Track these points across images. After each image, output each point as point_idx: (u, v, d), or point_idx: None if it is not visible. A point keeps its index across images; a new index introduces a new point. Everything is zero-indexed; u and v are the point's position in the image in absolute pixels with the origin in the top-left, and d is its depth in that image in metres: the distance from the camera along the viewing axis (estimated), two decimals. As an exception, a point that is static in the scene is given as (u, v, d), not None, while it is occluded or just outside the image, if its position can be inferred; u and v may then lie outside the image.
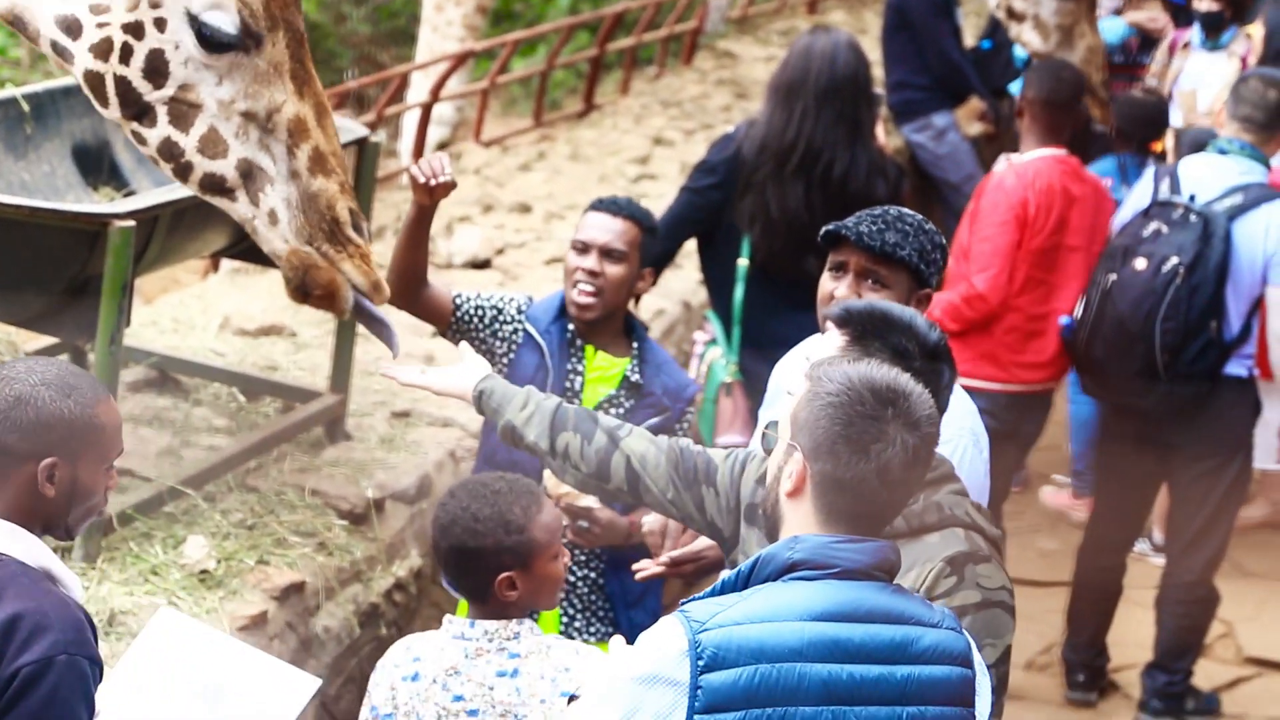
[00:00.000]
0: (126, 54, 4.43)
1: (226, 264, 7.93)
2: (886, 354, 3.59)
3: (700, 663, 3.13)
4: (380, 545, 5.91)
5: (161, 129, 4.49)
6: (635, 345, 5.33)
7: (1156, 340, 6.51)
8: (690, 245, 8.82)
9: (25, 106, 6.09)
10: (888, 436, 3.21)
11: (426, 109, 9.94)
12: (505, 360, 5.30)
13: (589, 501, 5.00)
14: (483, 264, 8.35)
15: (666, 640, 3.17)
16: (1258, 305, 6.57)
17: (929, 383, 3.51)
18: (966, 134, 10.35)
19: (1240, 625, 7.73)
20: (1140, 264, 6.56)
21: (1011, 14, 9.15)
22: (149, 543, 5.41)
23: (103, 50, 4.44)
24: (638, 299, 5.41)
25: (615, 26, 11.54)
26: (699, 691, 3.13)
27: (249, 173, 4.54)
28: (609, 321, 5.27)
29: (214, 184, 4.55)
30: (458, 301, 5.34)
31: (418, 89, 10.26)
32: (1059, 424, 8.57)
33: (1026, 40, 9.16)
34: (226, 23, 4.41)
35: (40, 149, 6.15)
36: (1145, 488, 6.99)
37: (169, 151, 4.51)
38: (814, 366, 3.34)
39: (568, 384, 5.22)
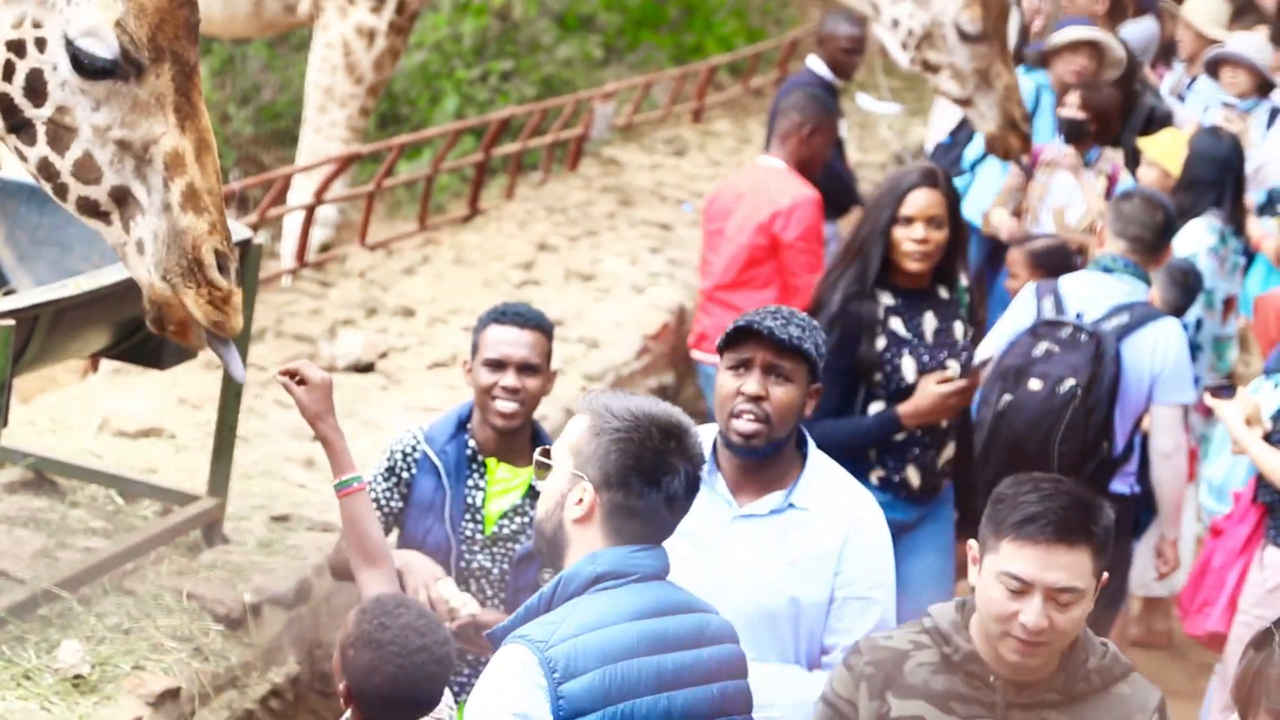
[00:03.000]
0: (9, 71, 4.40)
1: (106, 364, 7.86)
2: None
3: (555, 675, 3.46)
4: (257, 651, 5.85)
5: (40, 148, 4.44)
6: None
7: (1054, 461, 6.45)
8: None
9: (-95, 203, 6.05)
10: (674, 469, 3.65)
11: (310, 211, 9.92)
12: (404, 491, 5.23)
13: (471, 609, 4.96)
14: (366, 368, 8.32)
15: (517, 669, 3.47)
16: (1139, 423, 6.64)
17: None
18: (848, 245, 10.44)
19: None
20: (1035, 384, 6.55)
21: (928, 66, 9.26)
22: (22, 646, 5.33)
23: None
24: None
25: (501, 132, 11.59)
26: (561, 702, 3.46)
27: (122, 200, 4.47)
28: (516, 434, 5.19)
29: (88, 207, 4.49)
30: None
31: (301, 191, 10.23)
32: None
33: (946, 89, 9.27)
34: (103, 49, 4.32)
35: (-81, 246, 6.09)
36: None
37: (46, 171, 4.47)
38: (590, 400, 3.72)
39: (468, 501, 5.15)
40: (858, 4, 9.38)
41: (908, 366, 5.98)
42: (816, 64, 9.99)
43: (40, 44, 4.38)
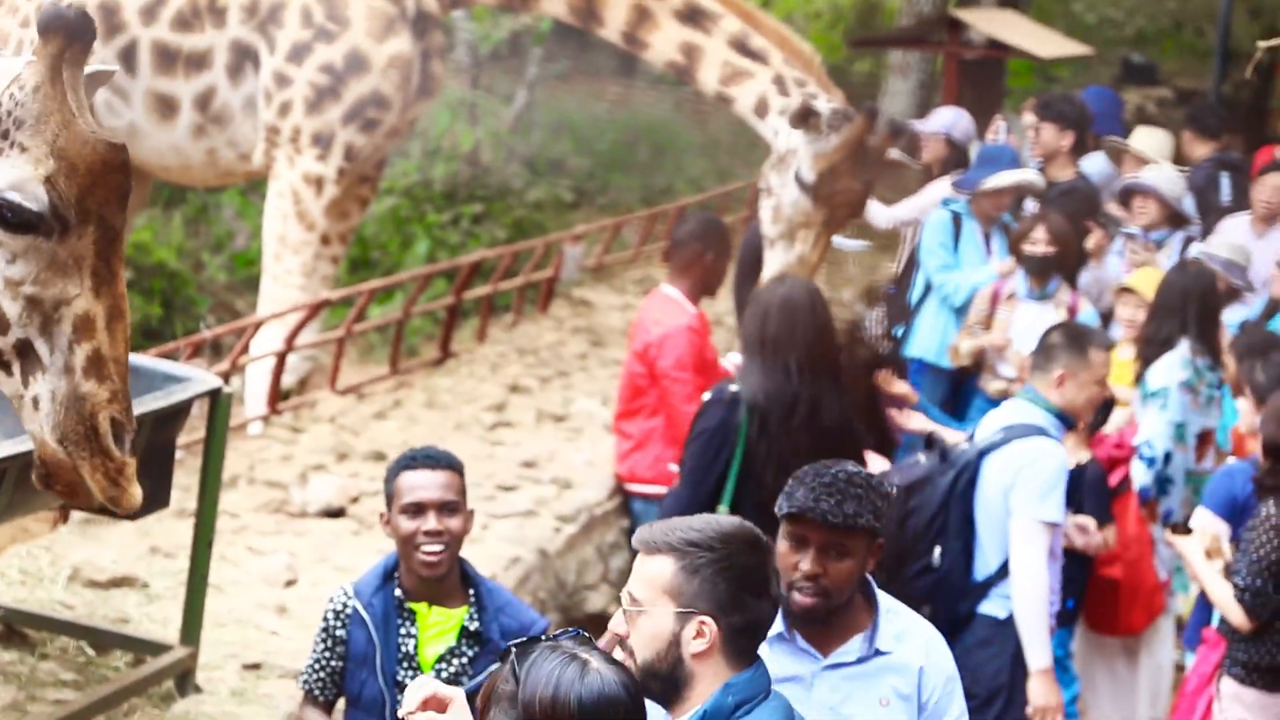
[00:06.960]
0: None
1: (76, 514, 7.84)
2: None
3: None
4: (230, 801, 5.82)
5: None
6: (471, 592, 5.25)
7: None
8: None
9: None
10: (770, 573, 3.79)
11: (281, 357, 9.94)
12: (341, 649, 5.21)
13: None
14: (337, 512, 8.31)
15: None
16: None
17: None
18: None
19: None
20: None
21: (764, 182, 9.47)
22: (-9, 802, 5.30)
23: None
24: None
25: (472, 275, 11.65)
26: None
27: (25, 353, 4.33)
28: (445, 576, 5.14)
29: None
30: (314, 692, 5.27)
31: (271, 337, 10.25)
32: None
33: (761, 214, 9.58)
34: (31, 203, 4.19)
35: (-112, 401, 6.08)
36: None
37: None
38: (652, 537, 3.74)
39: (402, 650, 5.13)
40: (763, 129, 9.58)
41: None
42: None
43: None
